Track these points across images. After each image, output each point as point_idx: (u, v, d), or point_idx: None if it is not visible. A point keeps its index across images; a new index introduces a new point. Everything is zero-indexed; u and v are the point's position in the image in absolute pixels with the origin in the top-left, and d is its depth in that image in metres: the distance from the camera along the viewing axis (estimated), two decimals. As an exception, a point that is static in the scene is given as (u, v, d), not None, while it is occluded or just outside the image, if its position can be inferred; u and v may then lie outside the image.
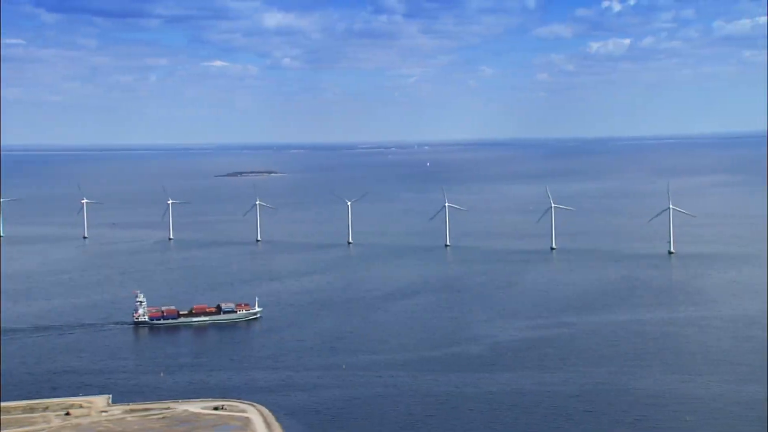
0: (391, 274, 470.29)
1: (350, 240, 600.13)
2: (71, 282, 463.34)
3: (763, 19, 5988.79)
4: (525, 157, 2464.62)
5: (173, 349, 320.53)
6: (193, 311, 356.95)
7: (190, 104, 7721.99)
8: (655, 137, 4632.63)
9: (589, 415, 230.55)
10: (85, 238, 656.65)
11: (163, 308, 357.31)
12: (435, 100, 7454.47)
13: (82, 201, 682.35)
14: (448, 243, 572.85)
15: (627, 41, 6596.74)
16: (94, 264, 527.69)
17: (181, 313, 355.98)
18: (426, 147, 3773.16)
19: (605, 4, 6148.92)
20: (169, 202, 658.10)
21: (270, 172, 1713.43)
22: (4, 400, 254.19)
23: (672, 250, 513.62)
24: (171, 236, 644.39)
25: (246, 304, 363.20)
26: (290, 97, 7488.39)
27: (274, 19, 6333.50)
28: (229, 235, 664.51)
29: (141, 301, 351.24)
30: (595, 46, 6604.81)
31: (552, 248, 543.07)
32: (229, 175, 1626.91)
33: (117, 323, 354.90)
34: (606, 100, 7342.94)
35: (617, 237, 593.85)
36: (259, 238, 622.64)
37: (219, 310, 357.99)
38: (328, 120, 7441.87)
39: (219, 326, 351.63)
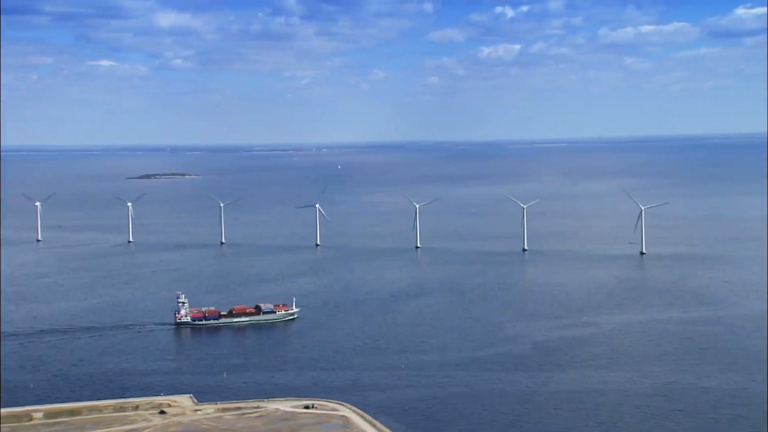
0: (379, 275, 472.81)
1: (318, 242, 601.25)
2: (61, 285, 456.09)
3: (647, 27, 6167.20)
4: (427, 160, 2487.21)
5: (222, 349, 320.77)
6: (234, 312, 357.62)
7: (73, 104, 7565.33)
8: (544, 141, 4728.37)
9: (681, 414, 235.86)
10: (38, 241, 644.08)
11: (204, 309, 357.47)
12: (327, 103, 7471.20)
13: (36, 203, 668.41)
14: (418, 245, 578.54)
15: (517, 47, 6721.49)
16: (69, 267, 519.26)
17: (221, 314, 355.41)
18: (324, 149, 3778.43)
19: (498, 9, 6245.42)
20: (129, 204, 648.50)
21: (183, 174, 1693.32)
22: (89, 399, 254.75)
23: (644, 251, 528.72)
24: (131, 239, 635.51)
25: (284, 305, 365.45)
26: (179, 98, 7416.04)
27: (167, 19, 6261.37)
28: (191, 237, 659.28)
29: (183, 302, 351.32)
30: (486, 51, 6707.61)
31: (524, 249, 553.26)
32: (141, 177, 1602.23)
33: (159, 324, 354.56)
34: (495, 104, 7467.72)
35: (581, 239, 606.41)
36: (223, 241, 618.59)
37: (258, 310, 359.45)
38: (220, 122, 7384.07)
39: (258, 326, 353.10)
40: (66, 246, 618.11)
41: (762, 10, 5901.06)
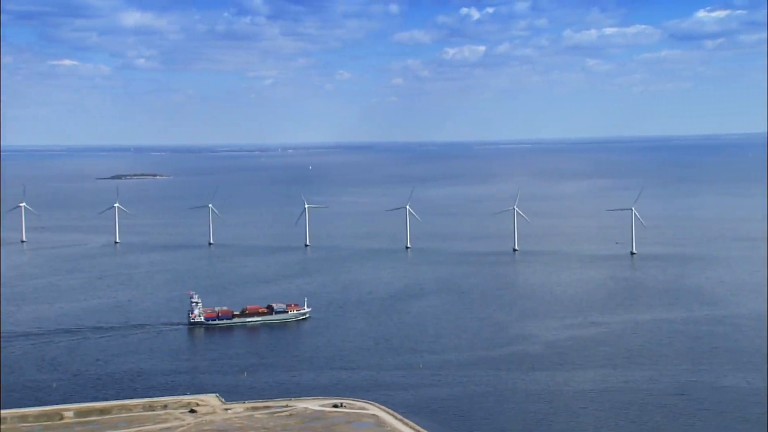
0: (376, 275, 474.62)
1: (307, 243, 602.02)
2: (58, 286, 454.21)
3: (610, 30, 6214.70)
4: (396, 161, 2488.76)
5: (239, 349, 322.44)
6: (246, 311, 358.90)
7: (33, 104, 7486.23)
8: (507, 142, 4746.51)
9: (708, 414, 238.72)
10: (23, 242, 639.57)
11: (218, 309, 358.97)
12: (291, 103, 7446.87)
13: (21, 204, 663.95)
14: (408, 245, 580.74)
15: (482, 48, 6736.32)
16: (61, 268, 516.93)
17: (234, 313, 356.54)
18: (290, 150, 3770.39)
19: (464, 11, 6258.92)
20: (116, 205, 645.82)
21: (154, 175, 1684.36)
22: (114, 399, 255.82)
23: (634, 251, 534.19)
24: (117, 239, 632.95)
25: (296, 305, 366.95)
26: (142, 98, 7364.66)
27: (131, 18, 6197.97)
28: (177, 238, 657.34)
29: (196, 302, 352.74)
30: (451, 52, 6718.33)
31: (515, 250, 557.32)
32: (111, 178, 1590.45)
33: (172, 324, 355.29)
34: (459, 105, 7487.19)
35: (569, 239, 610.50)
36: (211, 241, 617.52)
37: (271, 310, 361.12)
38: (183, 122, 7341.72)
39: (271, 326, 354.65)
40: (52, 247, 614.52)
41: (722, 13, 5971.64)
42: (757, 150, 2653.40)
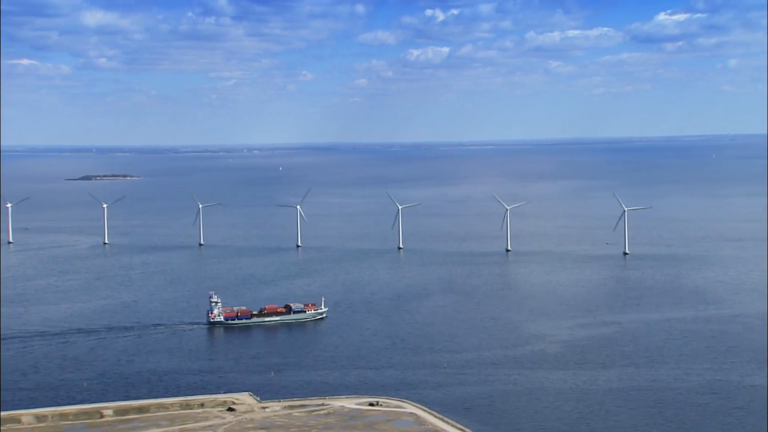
0: (375, 276, 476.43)
1: (299, 243, 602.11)
2: (59, 287, 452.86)
3: (573, 32, 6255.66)
4: (365, 162, 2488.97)
5: (260, 348, 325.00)
6: (265, 311, 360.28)
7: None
8: (471, 143, 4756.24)
9: (742, 412, 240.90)
10: (10, 243, 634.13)
11: (236, 308, 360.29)
12: (254, 104, 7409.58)
13: (7, 205, 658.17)
14: (401, 246, 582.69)
15: (446, 49, 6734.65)
16: (57, 269, 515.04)
17: (253, 313, 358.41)
18: (256, 151, 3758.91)
19: (429, 12, 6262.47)
20: (104, 206, 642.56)
21: (124, 176, 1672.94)
22: (146, 398, 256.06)
23: (627, 251, 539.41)
24: (106, 240, 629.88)
25: (313, 304, 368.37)
26: (102, 98, 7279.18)
27: (94, 17, 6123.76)
28: (166, 239, 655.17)
29: (216, 302, 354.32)
30: (415, 53, 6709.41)
31: (507, 250, 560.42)
32: (81, 178, 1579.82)
33: (191, 323, 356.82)
34: (423, 106, 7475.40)
35: (559, 240, 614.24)
36: (202, 242, 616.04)
37: (289, 310, 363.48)
38: (145, 122, 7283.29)
39: (289, 326, 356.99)
40: (41, 248, 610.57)
41: (683, 16, 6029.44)
42: (720, 151, 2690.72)
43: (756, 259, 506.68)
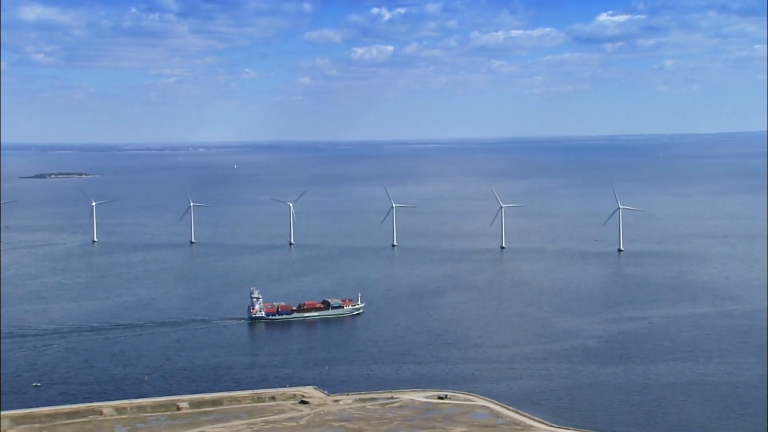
0: (382, 273, 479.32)
1: (292, 241, 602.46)
2: (67, 285, 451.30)
3: (517, 32, 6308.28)
4: (316, 160, 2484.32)
5: (304, 343, 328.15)
6: (304, 307, 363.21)
7: None
8: (416, 141, 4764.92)
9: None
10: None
11: (277, 304, 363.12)
12: (195, 102, 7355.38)
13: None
14: (395, 243, 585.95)
15: (390, 48, 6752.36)
16: (56, 268, 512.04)
17: (293, 309, 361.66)
18: (201, 149, 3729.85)
19: (375, 11, 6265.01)
20: (93, 204, 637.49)
21: (80, 174, 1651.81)
22: (212, 392, 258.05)
23: (621, 248, 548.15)
24: (95, 239, 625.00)
25: (350, 300, 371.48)
26: (38, 94, 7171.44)
27: (33, 12, 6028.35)
28: (155, 237, 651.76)
29: (257, 298, 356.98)
30: (359, 51, 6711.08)
31: (502, 247, 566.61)
32: (35, 176, 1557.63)
33: (233, 319, 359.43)
34: (367, 105, 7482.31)
35: (550, 237, 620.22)
36: (193, 240, 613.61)
37: (327, 305, 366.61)
38: (84, 120, 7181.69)
39: (327, 321, 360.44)
40: (30, 247, 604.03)
41: (623, 17, 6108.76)
42: (664, 151, 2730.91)
43: (750, 255, 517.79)
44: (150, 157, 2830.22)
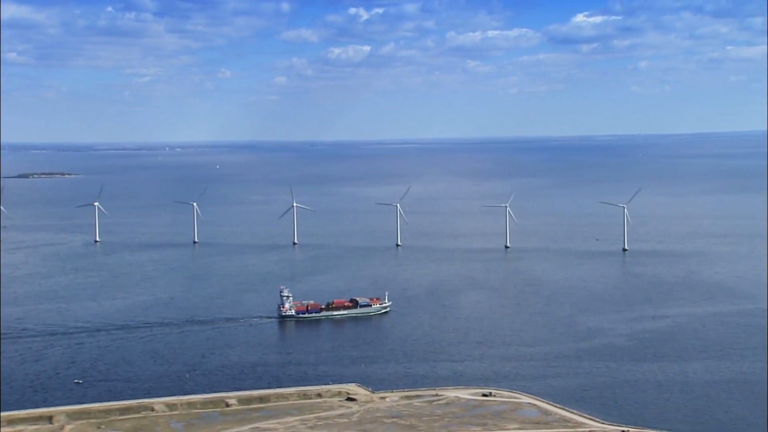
0: (394, 272, 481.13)
1: (296, 241, 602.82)
2: (82, 284, 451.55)
3: (493, 32, 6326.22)
4: (297, 160, 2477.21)
5: (337, 341, 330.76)
6: (332, 305, 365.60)
7: None
8: (392, 141, 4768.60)
9: None
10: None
11: (306, 302, 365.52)
12: (170, 101, 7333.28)
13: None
14: (399, 243, 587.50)
15: (367, 48, 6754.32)
16: (64, 268, 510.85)
17: (321, 307, 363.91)
18: (178, 149, 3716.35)
19: (353, 11, 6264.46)
20: (95, 203, 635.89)
21: (63, 174, 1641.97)
22: (253, 388, 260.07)
23: (626, 247, 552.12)
24: (97, 238, 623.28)
25: (378, 299, 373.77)
26: (8, 93, 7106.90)
27: (7, 11, 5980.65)
28: (156, 237, 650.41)
29: (287, 296, 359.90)
30: (336, 51, 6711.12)
31: (507, 246, 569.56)
32: (18, 176, 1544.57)
33: (262, 317, 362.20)
34: (343, 105, 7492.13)
35: (552, 237, 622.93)
36: (196, 240, 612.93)
37: (355, 304, 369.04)
38: (57, 119, 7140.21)
39: (356, 319, 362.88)
40: (32, 246, 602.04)
41: (599, 18, 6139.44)
42: (642, 151, 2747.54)
43: (754, 254, 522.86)
44: (128, 157, 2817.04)
